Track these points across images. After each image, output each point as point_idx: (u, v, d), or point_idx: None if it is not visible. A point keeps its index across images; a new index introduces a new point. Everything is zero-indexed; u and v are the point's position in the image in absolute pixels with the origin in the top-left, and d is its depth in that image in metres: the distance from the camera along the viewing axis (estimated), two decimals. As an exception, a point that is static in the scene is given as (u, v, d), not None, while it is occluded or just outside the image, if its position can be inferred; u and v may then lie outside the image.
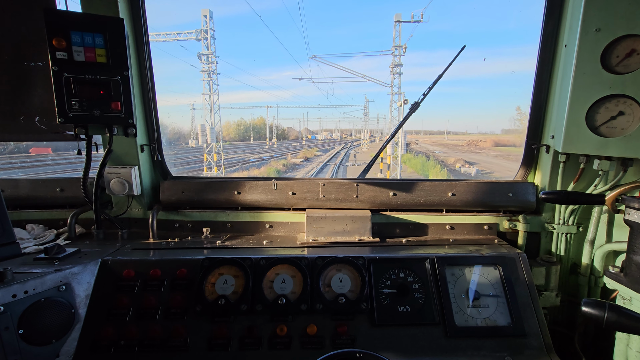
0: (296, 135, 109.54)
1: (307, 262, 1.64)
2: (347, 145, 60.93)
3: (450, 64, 2.07)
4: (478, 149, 58.83)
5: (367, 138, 62.48)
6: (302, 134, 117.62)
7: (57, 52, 1.56)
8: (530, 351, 1.50)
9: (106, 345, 1.46)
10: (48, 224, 2.09)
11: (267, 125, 75.02)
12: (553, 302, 1.89)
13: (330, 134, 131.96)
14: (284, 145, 65.21)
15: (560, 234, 1.95)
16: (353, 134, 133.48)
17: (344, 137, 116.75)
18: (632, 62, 1.49)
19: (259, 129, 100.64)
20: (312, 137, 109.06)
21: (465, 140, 77.84)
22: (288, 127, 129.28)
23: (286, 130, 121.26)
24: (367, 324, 1.56)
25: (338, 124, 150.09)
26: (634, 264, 1.44)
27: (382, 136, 52.71)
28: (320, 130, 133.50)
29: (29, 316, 1.34)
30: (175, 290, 1.59)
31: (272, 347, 1.49)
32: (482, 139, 79.09)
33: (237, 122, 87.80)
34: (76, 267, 1.54)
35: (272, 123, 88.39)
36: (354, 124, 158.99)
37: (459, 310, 1.60)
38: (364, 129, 73.46)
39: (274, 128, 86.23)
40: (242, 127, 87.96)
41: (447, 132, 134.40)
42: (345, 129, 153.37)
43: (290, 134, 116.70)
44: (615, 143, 1.57)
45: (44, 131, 1.96)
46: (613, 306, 1.15)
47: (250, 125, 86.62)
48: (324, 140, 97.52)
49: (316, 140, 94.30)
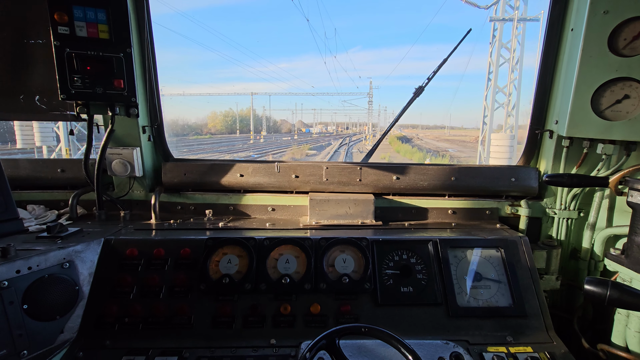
0: (289, 128, 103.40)
1: (311, 242, 1.65)
2: (346, 140, 52.68)
3: (455, 48, 2.06)
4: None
5: (371, 132, 52.57)
6: (296, 127, 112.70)
7: (59, 26, 1.54)
8: (530, 331, 1.52)
9: (110, 322, 1.46)
10: (49, 204, 2.08)
11: (252, 116, 70.07)
12: (553, 286, 1.91)
13: (326, 127, 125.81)
14: (273, 139, 56.92)
15: (562, 219, 1.96)
16: (349, 128, 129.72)
17: (340, 131, 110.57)
18: (639, 44, 1.49)
19: (249, 120, 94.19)
20: (307, 131, 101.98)
21: (472, 137, 73.02)
22: (281, 120, 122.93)
23: (279, 123, 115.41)
24: (370, 304, 1.57)
25: (334, 117, 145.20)
26: (635, 246, 1.45)
27: (381, 131, 44.57)
28: (315, 123, 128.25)
29: (33, 292, 1.33)
30: (179, 270, 1.59)
31: (276, 325, 1.50)
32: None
33: (224, 112, 79.69)
34: (79, 245, 1.54)
35: (263, 114, 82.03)
36: (350, 117, 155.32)
37: (460, 291, 1.61)
38: (368, 122, 62.88)
39: (264, 120, 79.75)
40: (230, 118, 79.41)
41: (449, 127, 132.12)
42: (341, 122, 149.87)
43: (283, 126, 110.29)
44: (620, 127, 1.57)
45: (44, 111, 1.94)
46: (615, 284, 1.16)
47: (238, 117, 78.78)
48: (319, 134, 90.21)
49: (310, 134, 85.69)
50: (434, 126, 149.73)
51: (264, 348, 1.43)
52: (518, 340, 1.48)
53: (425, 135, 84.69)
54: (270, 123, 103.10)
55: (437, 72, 2.10)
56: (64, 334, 1.39)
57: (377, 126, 68.87)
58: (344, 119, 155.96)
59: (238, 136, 60.47)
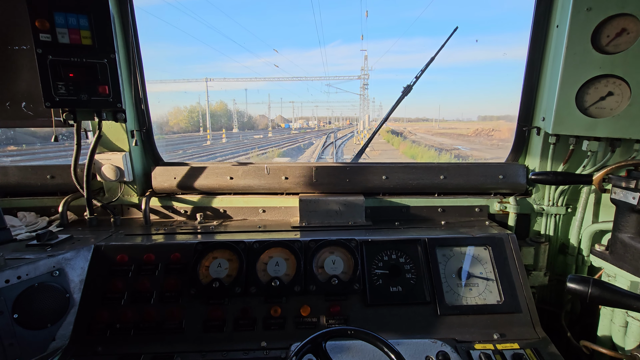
0: (266, 124, 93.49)
1: (300, 245, 1.66)
2: (331, 138, 40.33)
3: (442, 47, 2.06)
4: (497, 140, 41.36)
5: (367, 127, 38.39)
6: (273, 122, 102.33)
7: (41, 34, 1.52)
8: (518, 328, 1.55)
9: (102, 328, 1.48)
10: (39, 211, 2.08)
11: (208, 109, 56.91)
12: (541, 281, 1.94)
13: (307, 122, 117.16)
14: (240, 139, 43.83)
15: (550, 215, 1.98)
16: (332, 122, 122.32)
17: (322, 126, 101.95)
18: (622, 41, 1.50)
19: (219, 116, 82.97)
20: (286, 126, 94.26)
21: (471, 129, 67.22)
22: (259, 115, 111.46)
23: (255, 119, 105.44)
24: (359, 304, 1.58)
25: (315, 111, 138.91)
26: (619, 242, 1.47)
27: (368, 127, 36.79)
28: (294, 118, 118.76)
29: (23, 301, 1.34)
30: (170, 274, 1.60)
31: (267, 327, 1.51)
32: (481, 127, 70.89)
33: (190, 108, 67.08)
34: (69, 252, 1.54)
35: (234, 109, 75.62)
36: (333, 111, 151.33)
37: (449, 289, 1.63)
38: (361, 112, 52.13)
39: (235, 115, 73.52)
40: (196, 114, 65.96)
41: (438, 120, 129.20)
42: (323, 116, 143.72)
43: (260, 122, 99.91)
44: (604, 123, 1.58)
45: (31, 117, 1.93)
46: (596, 281, 1.18)
47: (208, 112, 62.22)
48: (299, 129, 79.57)
49: (289, 131, 74.23)
50: (415, 119, 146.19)
51: (254, 351, 1.44)
52: (505, 337, 1.51)
53: (414, 129, 78.14)
54: (244, 118, 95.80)
55: (424, 71, 2.10)
56: (55, 342, 1.40)
57: (357, 120, 61.01)
58: (326, 113, 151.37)
59: (200, 135, 49.24)
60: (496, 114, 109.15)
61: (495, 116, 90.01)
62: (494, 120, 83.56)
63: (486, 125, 68.56)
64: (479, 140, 45.86)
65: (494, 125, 64.00)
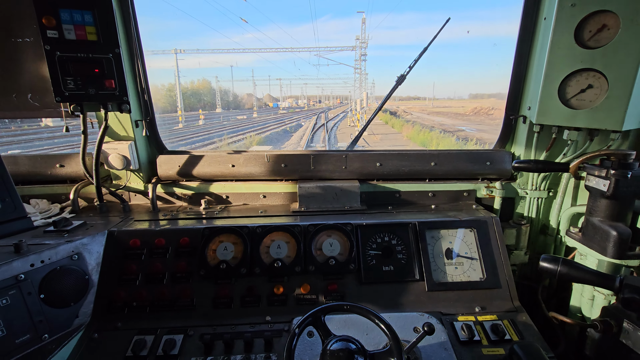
0: (252, 103, 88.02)
1: (300, 229, 1.79)
2: (321, 119, 37.47)
3: (435, 37, 2.13)
4: (499, 119, 38.51)
5: (366, 106, 32.41)
6: (259, 102, 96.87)
7: (48, 30, 1.58)
8: (498, 301, 1.71)
9: (120, 306, 1.62)
10: (50, 198, 2.18)
11: (178, 86, 49.38)
12: (522, 260, 2.10)
13: (296, 101, 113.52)
14: (221, 120, 41.02)
15: (532, 199, 2.12)
16: (322, 101, 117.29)
17: (312, 105, 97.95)
18: (602, 37, 1.58)
19: (201, 95, 77.43)
20: (274, 105, 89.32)
21: (469, 108, 60.58)
22: (246, 94, 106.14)
23: (242, 98, 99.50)
24: (355, 282, 1.74)
25: (304, 89, 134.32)
26: (590, 225, 1.62)
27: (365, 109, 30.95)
28: (283, 97, 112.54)
29: (47, 283, 1.47)
30: (180, 257, 1.73)
31: (271, 304, 1.67)
32: (465, 104, 68.00)
33: (168, 86, 58.90)
34: (85, 238, 1.67)
35: (217, 87, 71.28)
36: (323, 89, 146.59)
37: (437, 268, 1.78)
38: (356, 90, 44.51)
39: (217, 94, 68.16)
40: (174, 93, 57.12)
41: (432, 99, 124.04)
42: (312, 95, 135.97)
43: (247, 101, 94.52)
44: (584, 115, 1.69)
45: (38, 108, 2.00)
46: (565, 261, 1.33)
47: (179, 91, 52.27)
48: (287, 109, 75.92)
49: (277, 110, 71.11)
50: (407, 97, 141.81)
51: (260, 324, 1.60)
52: (486, 309, 1.67)
53: (408, 107, 74.55)
54: (229, 97, 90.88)
55: (417, 61, 2.17)
56: (79, 319, 1.54)
57: (349, 99, 56.18)
58: (316, 91, 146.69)
59: (177, 115, 43.92)
60: (487, 92, 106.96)
61: (487, 94, 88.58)
62: (485, 99, 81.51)
63: (484, 104, 66.64)
64: (480, 119, 44.98)
65: (491, 104, 61.92)
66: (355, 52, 41.79)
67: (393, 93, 2.23)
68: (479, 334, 1.52)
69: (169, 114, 49.44)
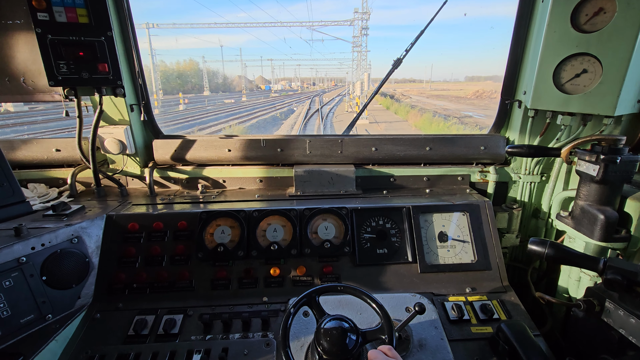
0: (242, 86, 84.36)
1: (295, 213, 1.82)
2: (315, 103, 33.60)
3: (431, 20, 2.10)
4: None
5: (365, 88, 27.65)
6: (255, 83, 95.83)
7: (39, 13, 1.56)
8: (488, 283, 1.77)
9: (120, 288, 1.66)
10: (47, 182, 2.19)
11: (153, 68, 43.89)
12: (513, 242, 2.15)
13: (289, 84, 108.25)
14: (205, 103, 37.63)
15: (525, 183, 2.15)
16: (316, 84, 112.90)
17: (305, 88, 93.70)
18: (598, 20, 1.57)
19: (188, 77, 71.41)
20: (267, 88, 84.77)
21: (470, 91, 56.68)
22: (238, 76, 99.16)
23: (232, 81, 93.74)
24: (349, 265, 1.78)
25: (298, 71, 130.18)
26: (579, 208, 1.65)
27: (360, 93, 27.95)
28: (276, 79, 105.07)
29: (49, 265, 1.51)
30: (178, 240, 1.77)
31: (267, 285, 1.71)
32: (461, 87, 65.32)
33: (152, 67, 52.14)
34: (84, 222, 1.69)
35: (209, 68, 65.88)
36: (317, 71, 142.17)
37: (429, 250, 1.83)
38: (356, 73, 39.61)
39: (205, 76, 63.38)
40: (159, 74, 52.12)
41: (430, 81, 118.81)
42: (306, 77, 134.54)
43: (239, 83, 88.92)
44: (577, 99, 1.70)
45: (31, 92, 1.99)
46: (552, 243, 1.37)
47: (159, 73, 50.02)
48: (280, 92, 71.05)
49: (269, 93, 67.49)
50: (402, 80, 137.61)
51: (257, 305, 1.65)
52: (476, 290, 1.73)
53: (405, 90, 70.73)
54: (219, 79, 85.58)
55: (414, 44, 2.15)
56: (81, 299, 1.59)
57: (344, 81, 52.25)
58: (310, 73, 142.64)
59: (160, 98, 41.40)
60: (483, 74, 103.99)
61: (483, 77, 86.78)
62: (482, 81, 79.38)
63: (485, 86, 64.77)
64: (484, 103, 42.98)
65: (493, 87, 59.65)
66: (354, 27, 36.73)
67: (390, 76, 2.22)
68: (468, 314, 1.58)
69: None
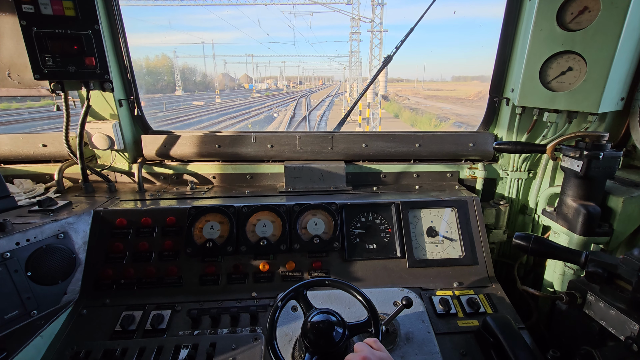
0: (224, 84, 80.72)
1: (285, 208, 1.82)
2: (302, 105, 30.49)
3: (421, 18, 2.11)
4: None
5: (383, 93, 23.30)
6: (240, 82, 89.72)
7: (23, 5, 1.53)
8: (475, 277, 1.79)
9: (108, 284, 1.65)
10: (34, 178, 2.16)
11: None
12: (501, 238, 2.19)
13: (275, 83, 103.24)
14: (163, 106, 31.35)
15: (513, 180, 2.18)
16: (303, 83, 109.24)
17: (292, 87, 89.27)
18: (583, 19, 1.60)
19: (159, 74, 66.13)
20: (250, 87, 79.87)
21: (472, 92, 53.02)
22: (222, 74, 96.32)
23: (211, 79, 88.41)
24: (339, 260, 1.79)
25: (283, 69, 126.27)
26: (563, 204, 1.68)
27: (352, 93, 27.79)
28: (259, 78, 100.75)
29: (34, 261, 1.49)
30: (166, 236, 1.76)
31: (256, 280, 1.71)
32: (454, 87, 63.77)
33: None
34: (71, 217, 1.67)
35: (184, 65, 61.96)
36: (304, 69, 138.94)
37: (418, 246, 1.85)
38: (355, 69, 31.43)
39: (177, 73, 59.06)
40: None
41: (422, 81, 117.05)
42: (292, 76, 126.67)
43: (221, 82, 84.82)
44: (563, 97, 1.73)
45: (17, 86, 1.95)
46: (537, 238, 1.40)
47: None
48: (263, 91, 64.93)
49: (251, 92, 61.56)
50: (390, 79, 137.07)
51: (246, 300, 1.65)
52: (463, 285, 1.75)
53: (397, 90, 67.25)
54: (196, 77, 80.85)
55: (404, 41, 2.17)
56: (67, 295, 1.57)
57: (332, 80, 47.01)
58: (296, 72, 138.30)
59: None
60: (470, 74, 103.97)
61: (470, 77, 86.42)
62: (469, 81, 78.65)
63: (476, 87, 63.76)
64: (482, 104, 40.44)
65: (471, 87, 57.79)
66: (351, 5, 26.77)
67: (379, 74, 2.23)
68: (455, 307, 1.60)
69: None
